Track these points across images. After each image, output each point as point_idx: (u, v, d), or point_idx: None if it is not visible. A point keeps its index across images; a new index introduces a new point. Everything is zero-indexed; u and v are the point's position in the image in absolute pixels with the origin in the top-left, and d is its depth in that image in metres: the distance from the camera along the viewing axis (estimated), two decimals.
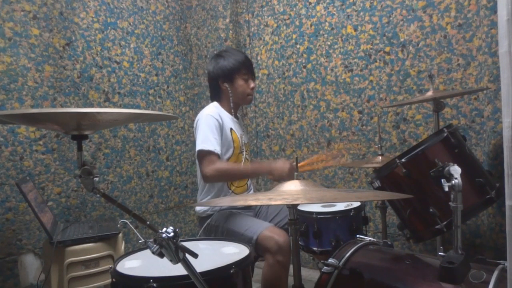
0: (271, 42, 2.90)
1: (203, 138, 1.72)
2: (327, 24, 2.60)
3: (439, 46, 2.17)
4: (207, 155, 1.70)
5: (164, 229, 0.85)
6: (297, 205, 1.08)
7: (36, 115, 1.05)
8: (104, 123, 1.15)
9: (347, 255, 1.21)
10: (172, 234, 0.85)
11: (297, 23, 2.75)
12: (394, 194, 1.38)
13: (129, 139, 2.73)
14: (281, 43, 2.84)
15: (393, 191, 1.54)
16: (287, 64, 2.82)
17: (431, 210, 1.41)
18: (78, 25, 2.46)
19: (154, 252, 0.87)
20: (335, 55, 2.57)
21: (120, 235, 1.88)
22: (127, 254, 1.28)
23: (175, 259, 0.86)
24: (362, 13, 2.44)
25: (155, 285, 0.98)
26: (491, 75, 1.89)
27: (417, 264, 1.19)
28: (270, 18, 2.89)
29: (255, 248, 1.54)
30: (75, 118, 1.02)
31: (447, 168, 1.19)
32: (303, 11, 2.71)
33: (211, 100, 1.95)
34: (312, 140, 2.73)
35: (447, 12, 2.13)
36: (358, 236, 1.42)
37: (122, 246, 1.90)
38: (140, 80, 2.82)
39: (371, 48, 2.42)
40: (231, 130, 1.84)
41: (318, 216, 1.77)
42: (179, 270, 0.92)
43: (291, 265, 1.20)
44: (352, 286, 1.16)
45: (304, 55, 2.72)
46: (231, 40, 3.01)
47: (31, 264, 2.17)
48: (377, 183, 1.59)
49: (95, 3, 2.55)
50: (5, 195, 2.10)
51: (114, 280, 1.09)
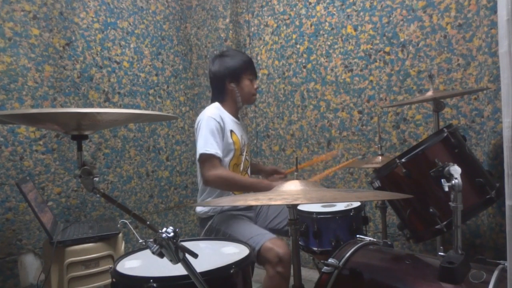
0: (271, 42, 2.90)
1: (204, 142, 1.72)
2: (327, 24, 2.60)
3: (439, 46, 2.17)
4: (209, 158, 1.70)
5: (164, 229, 0.85)
6: (297, 205, 1.08)
7: (36, 115, 1.05)
8: (104, 123, 1.15)
9: (347, 255, 1.21)
10: (172, 234, 0.85)
11: (297, 23, 2.75)
12: (394, 194, 1.38)
13: (129, 139, 2.73)
14: (281, 43, 2.84)
15: (393, 191, 1.53)
16: (287, 64, 2.82)
17: (431, 210, 1.41)
18: (78, 25, 2.46)
19: (154, 252, 0.87)
20: (335, 55, 2.57)
21: (120, 235, 1.88)
22: (127, 254, 1.28)
23: (175, 259, 0.86)
24: (362, 13, 2.44)
25: (155, 285, 0.98)
26: (491, 75, 1.89)
27: (417, 264, 1.19)
28: (270, 18, 2.89)
29: (257, 258, 1.54)
30: (75, 118, 1.02)
31: (447, 168, 1.19)
32: (303, 11, 2.71)
33: (212, 101, 1.93)
34: (312, 140, 2.72)
35: (447, 12, 2.13)
36: (358, 236, 1.42)
37: (122, 246, 1.90)
38: (140, 80, 2.82)
39: (371, 48, 2.42)
40: (231, 132, 1.83)
41: (318, 216, 1.76)
42: (179, 270, 0.92)
43: (291, 265, 1.20)
44: (352, 286, 1.16)
45: (304, 55, 2.72)
46: (231, 40, 3.01)
47: (31, 264, 2.17)
48: (377, 183, 1.59)
49: (95, 3, 2.55)
50: (5, 195, 2.11)
51: (114, 280, 1.09)
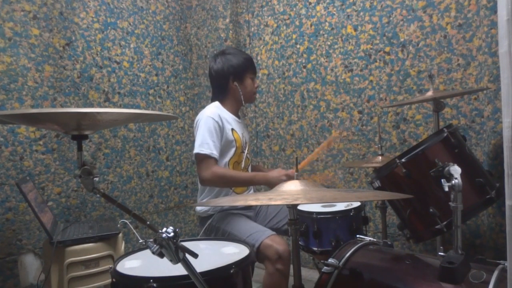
0: (271, 42, 2.90)
1: (201, 142, 1.73)
2: (327, 24, 2.60)
3: (439, 46, 2.17)
4: (204, 158, 1.72)
5: (164, 229, 0.85)
6: (297, 205, 1.08)
7: (36, 115, 1.05)
8: (104, 123, 1.15)
9: (347, 255, 1.21)
10: (172, 234, 0.85)
11: (297, 23, 2.75)
12: (394, 194, 1.37)
13: (129, 139, 2.73)
14: (281, 43, 2.84)
15: (393, 191, 1.53)
16: (287, 64, 2.82)
17: (431, 210, 1.41)
18: (78, 25, 2.46)
19: (154, 252, 0.87)
20: (335, 55, 2.57)
21: (120, 235, 1.88)
22: (127, 254, 1.28)
23: (175, 259, 0.86)
24: (362, 13, 2.44)
25: (155, 285, 0.98)
26: (491, 75, 1.89)
27: (417, 264, 1.19)
28: (270, 18, 2.89)
29: (256, 255, 1.55)
30: (75, 118, 1.02)
31: (447, 168, 1.19)
32: (303, 11, 2.71)
33: (212, 100, 1.94)
34: (312, 140, 2.72)
35: (447, 12, 2.13)
36: (358, 236, 1.42)
37: (122, 246, 1.90)
38: (140, 80, 2.82)
39: (371, 48, 2.42)
40: (232, 130, 1.83)
41: (318, 216, 1.76)
42: (179, 270, 0.92)
43: (291, 265, 1.20)
44: (352, 286, 1.16)
45: (304, 55, 2.72)
46: (231, 40, 3.01)
47: (31, 264, 2.17)
48: (377, 183, 1.59)
49: (95, 3, 2.55)
50: (5, 195, 2.11)
51: (114, 280, 1.09)
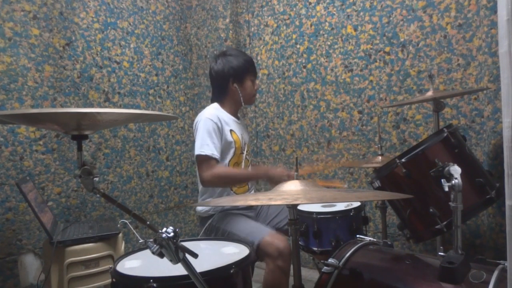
0: (271, 42, 2.90)
1: (201, 143, 1.73)
2: (327, 24, 2.60)
3: (439, 46, 2.17)
4: (205, 160, 1.71)
5: (164, 229, 0.85)
6: (297, 205, 1.08)
7: (36, 115, 1.05)
8: (104, 123, 1.15)
9: (347, 255, 1.21)
10: (172, 234, 0.85)
11: (297, 23, 2.75)
12: (394, 194, 1.38)
13: (129, 139, 2.73)
14: (281, 43, 2.84)
15: (393, 191, 1.54)
16: (287, 64, 2.82)
17: (431, 210, 1.41)
18: (78, 25, 2.46)
19: (154, 252, 0.87)
20: (335, 55, 2.57)
21: (120, 235, 1.88)
22: (127, 254, 1.28)
23: (175, 259, 0.86)
24: (362, 13, 2.44)
25: (155, 285, 0.98)
26: (491, 75, 1.89)
27: (417, 264, 1.19)
28: (270, 18, 2.89)
29: (256, 253, 1.55)
30: (75, 118, 1.02)
31: (447, 168, 1.19)
32: (303, 11, 2.71)
33: (212, 100, 1.94)
34: (312, 140, 2.72)
35: (447, 12, 2.13)
36: (358, 236, 1.42)
37: (122, 246, 1.90)
38: (140, 80, 2.82)
39: (371, 48, 2.42)
40: (231, 131, 1.83)
41: (318, 216, 1.77)
42: (179, 270, 0.92)
43: (291, 265, 1.20)
44: (352, 286, 1.16)
45: (304, 55, 2.72)
46: (231, 40, 3.01)
47: (31, 264, 2.17)
48: (377, 183, 1.59)
49: (95, 3, 2.55)
50: (5, 195, 2.10)
51: (114, 280, 1.09)
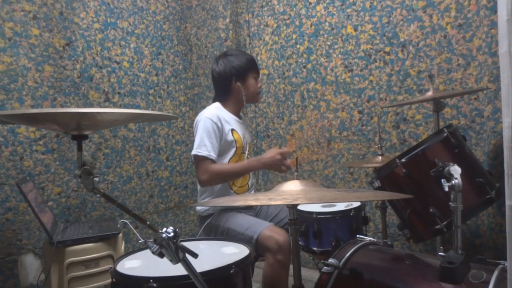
0: (271, 42, 2.90)
1: (199, 143, 1.74)
2: (327, 24, 2.60)
3: (439, 46, 2.17)
4: (201, 160, 1.72)
5: (164, 229, 0.85)
6: (297, 205, 1.08)
7: (36, 115, 1.05)
8: (104, 123, 1.15)
9: (347, 255, 1.21)
10: (172, 234, 0.85)
11: (297, 23, 2.75)
12: (394, 194, 1.38)
13: (129, 139, 2.73)
14: (281, 43, 2.84)
15: (393, 191, 1.53)
16: (287, 64, 2.82)
17: (431, 210, 1.41)
18: (78, 25, 2.46)
19: (154, 252, 0.87)
20: (335, 55, 2.57)
21: (120, 235, 1.87)
22: (127, 254, 1.28)
23: (175, 259, 0.86)
24: (362, 13, 2.44)
25: (155, 285, 0.98)
26: (491, 75, 1.89)
27: (417, 264, 1.19)
28: (270, 18, 2.89)
29: (256, 247, 1.55)
30: (75, 118, 1.02)
31: (447, 168, 1.19)
32: (303, 11, 2.71)
33: (214, 100, 1.94)
34: (312, 140, 2.72)
35: (447, 12, 2.13)
36: (358, 236, 1.42)
37: (122, 246, 1.90)
38: (140, 80, 2.82)
39: (371, 48, 2.42)
40: (232, 130, 1.83)
41: (318, 216, 1.77)
42: (179, 270, 0.92)
43: (291, 265, 1.20)
44: (352, 286, 1.16)
45: (304, 55, 2.72)
46: (231, 40, 3.01)
47: (31, 264, 2.17)
48: (377, 183, 1.59)
49: (95, 3, 2.55)
50: (5, 195, 2.10)
51: (114, 280, 1.09)
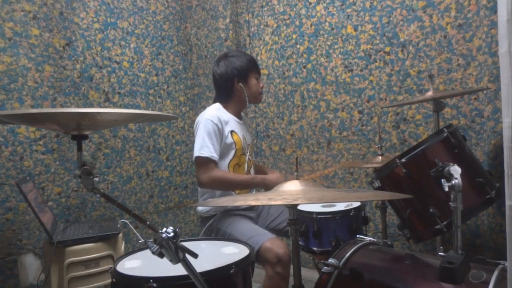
0: (271, 42, 2.90)
1: (201, 145, 1.73)
2: (327, 24, 2.60)
3: (439, 46, 2.17)
4: (204, 162, 1.72)
5: (164, 229, 0.85)
6: (297, 205, 1.08)
7: (36, 115, 1.05)
8: (104, 123, 1.15)
9: (347, 255, 1.21)
10: (172, 234, 0.84)
11: (297, 23, 2.75)
12: (394, 194, 1.38)
13: (129, 139, 2.73)
14: (281, 43, 2.84)
15: (393, 191, 1.53)
16: (287, 64, 2.82)
17: (431, 210, 1.41)
18: (78, 25, 2.46)
19: (154, 252, 0.87)
20: (335, 55, 2.57)
21: (120, 235, 1.87)
22: (127, 254, 1.27)
23: (175, 259, 0.86)
24: (362, 13, 2.44)
25: (155, 285, 0.98)
26: (491, 75, 1.89)
27: (417, 264, 1.19)
28: (270, 18, 2.89)
29: (256, 258, 1.54)
30: (75, 118, 1.03)
31: (447, 168, 1.19)
32: (303, 11, 2.71)
33: (215, 101, 1.94)
34: (312, 140, 2.72)
35: (447, 12, 2.13)
36: (358, 236, 1.42)
37: (122, 246, 1.90)
38: (140, 80, 2.82)
39: (371, 48, 2.42)
40: (232, 132, 1.83)
41: (318, 216, 1.76)
42: (179, 270, 0.92)
43: (291, 265, 1.20)
44: (352, 286, 1.16)
45: (304, 55, 2.72)
46: (231, 40, 3.01)
47: (31, 264, 2.17)
48: (377, 183, 1.59)
49: (95, 3, 2.55)
50: (5, 195, 2.10)
51: (114, 280, 1.09)
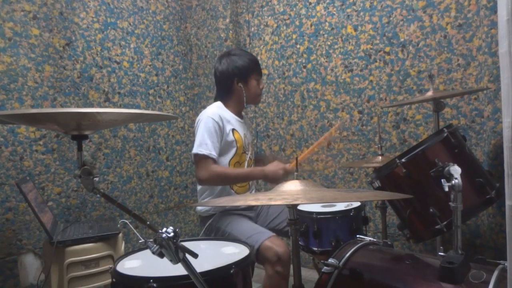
0: (271, 42, 2.90)
1: (200, 142, 1.74)
2: (327, 24, 2.60)
3: (439, 46, 2.17)
4: (202, 159, 1.72)
5: (164, 229, 0.85)
6: (297, 205, 1.08)
7: (36, 115, 1.05)
8: (104, 123, 1.15)
9: (347, 255, 1.21)
10: (172, 234, 0.84)
11: (297, 23, 2.75)
12: (394, 194, 1.38)
13: (129, 139, 2.73)
14: (281, 43, 2.84)
15: (393, 191, 1.53)
16: (287, 64, 2.82)
17: (431, 210, 1.41)
18: (78, 25, 2.46)
19: (154, 252, 0.87)
20: (335, 55, 2.57)
21: (120, 235, 1.88)
22: (127, 254, 1.27)
23: (175, 259, 0.86)
24: (362, 13, 2.44)
25: (155, 285, 0.98)
26: (491, 75, 1.89)
27: (417, 264, 1.19)
28: (270, 18, 2.89)
29: (256, 257, 1.54)
30: (75, 118, 1.03)
31: (447, 168, 1.19)
32: (303, 11, 2.71)
33: (215, 99, 1.94)
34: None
35: (447, 12, 2.13)
36: (358, 236, 1.42)
37: (122, 246, 1.90)
38: (140, 80, 2.82)
39: (371, 48, 2.42)
40: (233, 130, 1.83)
41: (318, 216, 1.76)
42: (179, 270, 0.92)
43: (291, 265, 1.20)
44: (352, 286, 1.16)
45: (304, 55, 2.72)
46: (231, 40, 3.01)
47: (31, 264, 2.17)
48: (377, 183, 1.59)
49: (95, 3, 2.55)
50: (5, 195, 2.10)
51: (114, 280, 1.09)
